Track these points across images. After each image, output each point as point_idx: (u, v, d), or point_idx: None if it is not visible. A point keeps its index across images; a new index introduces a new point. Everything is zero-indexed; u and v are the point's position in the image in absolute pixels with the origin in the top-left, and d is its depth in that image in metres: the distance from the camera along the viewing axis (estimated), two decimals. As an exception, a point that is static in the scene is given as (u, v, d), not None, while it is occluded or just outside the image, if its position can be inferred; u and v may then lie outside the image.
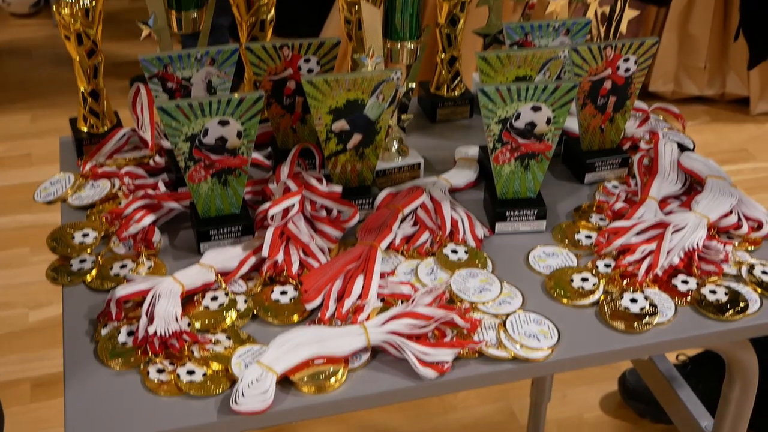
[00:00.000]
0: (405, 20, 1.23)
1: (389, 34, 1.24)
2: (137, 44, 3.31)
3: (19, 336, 2.37)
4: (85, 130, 1.41)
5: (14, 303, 2.48)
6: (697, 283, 1.16)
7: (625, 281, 1.16)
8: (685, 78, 3.51)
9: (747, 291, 1.15)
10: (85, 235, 1.23)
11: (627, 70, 1.32)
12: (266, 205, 1.20)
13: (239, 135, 1.17)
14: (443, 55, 1.51)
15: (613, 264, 1.19)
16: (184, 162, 1.16)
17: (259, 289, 1.13)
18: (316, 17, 3.37)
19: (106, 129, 1.41)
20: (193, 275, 1.13)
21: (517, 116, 1.20)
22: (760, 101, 3.49)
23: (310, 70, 1.31)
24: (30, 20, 4.31)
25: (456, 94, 1.54)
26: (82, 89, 1.39)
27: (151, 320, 1.04)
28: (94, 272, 1.16)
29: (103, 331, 1.06)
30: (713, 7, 3.36)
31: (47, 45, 4.07)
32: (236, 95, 1.14)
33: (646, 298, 1.13)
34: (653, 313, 1.11)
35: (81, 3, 1.31)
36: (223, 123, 1.15)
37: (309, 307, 1.10)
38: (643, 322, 1.09)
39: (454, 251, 1.21)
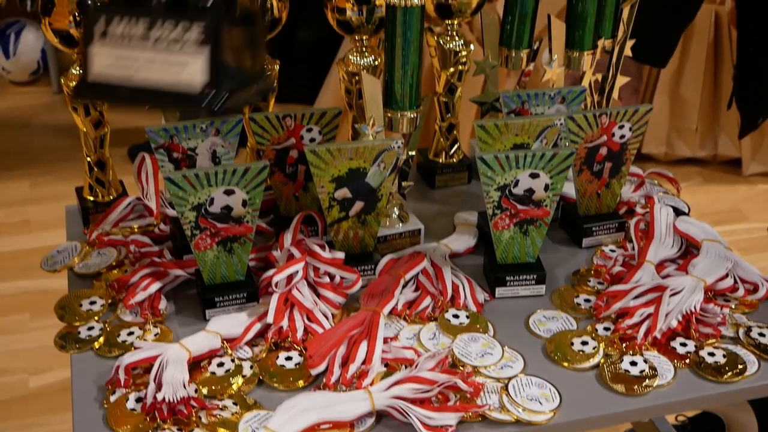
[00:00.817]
0: (405, 90, 1.26)
1: (389, 104, 1.28)
2: (134, 112, 3.35)
3: (19, 402, 2.36)
4: (91, 198, 1.44)
5: (14, 369, 2.48)
6: (696, 346, 1.18)
7: (624, 344, 1.18)
8: (677, 140, 3.56)
9: (744, 353, 1.17)
10: (92, 303, 1.25)
11: (622, 136, 1.35)
12: (271, 272, 1.23)
13: (244, 204, 1.19)
14: (442, 123, 1.55)
15: (612, 327, 1.21)
16: (190, 230, 1.19)
17: (264, 355, 1.15)
18: (314, 86, 3.42)
19: (111, 198, 1.44)
20: (199, 342, 1.14)
21: (516, 183, 1.23)
22: (752, 162, 3.53)
23: (312, 140, 1.34)
24: (29, 87, 4.35)
25: (454, 160, 1.58)
26: (88, 159, 1.42)
27: (159, 387, 1.06)
28: (101, 339, 1.18)
29: (112, 398, 1.07)
30: (704, 70, 3.42)
31: (46, 112, 4.11)
32: (241, 165, 1.17)
33: (645, 360, 1.15)
34: (653, 376, 1.12)
35: (89, 76, 1.34)
36: (229, 192, 1.18)
37: (314, 372, 1.11)
38: (643, 384, 1.11)
39: (456, 316, 1.23)
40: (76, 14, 1.28)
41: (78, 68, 1.35)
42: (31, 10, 4.24)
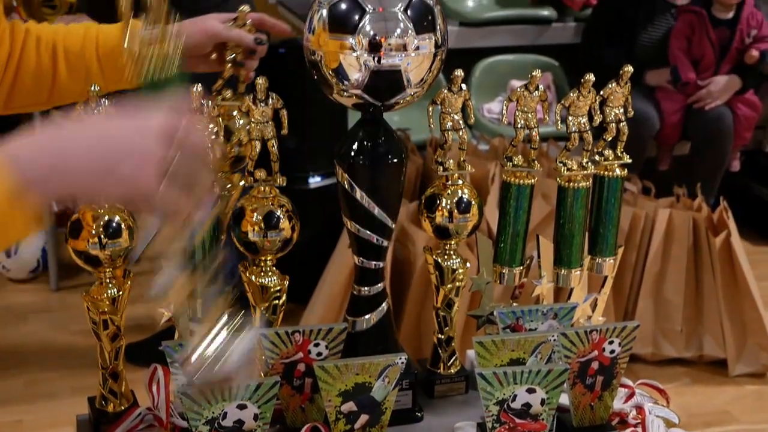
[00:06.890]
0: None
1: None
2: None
3: None
4: (103, 409, 1.48)
5: None
6: None
7: None
8: (663, 341, 3.63)
9: None
10: None
11: (612, 351, 1.43)
12: (278, 484, 1.27)
13: (255, 417, 1.25)
14: (440, 336, 1.62)
15: None
16: (203, 444, 1.24)
17: None
18: (310, 284, 3.52)
19: (122, 408, 1.49)
20: None
21: (514, 398, 1.30)
22: (738, 363, 3.60)
23: (319, 354, 1.41)
24: (27, 285, 4.41)
25: (452, 371, 1.64)
26: (102, 370, 1.47)
27: None
28: None
29: None
30: (685, 274, 3.54)
31: (43, 310, 4.16)
32: (254, 381, 1.23)
33: None
34: None
35: (108, 292, 1.42)
36: (241, 407, 1.24)
37: None
38: None
39: None
40: (101, 237, 1.37)
41: (99, 283, 1.42)
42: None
